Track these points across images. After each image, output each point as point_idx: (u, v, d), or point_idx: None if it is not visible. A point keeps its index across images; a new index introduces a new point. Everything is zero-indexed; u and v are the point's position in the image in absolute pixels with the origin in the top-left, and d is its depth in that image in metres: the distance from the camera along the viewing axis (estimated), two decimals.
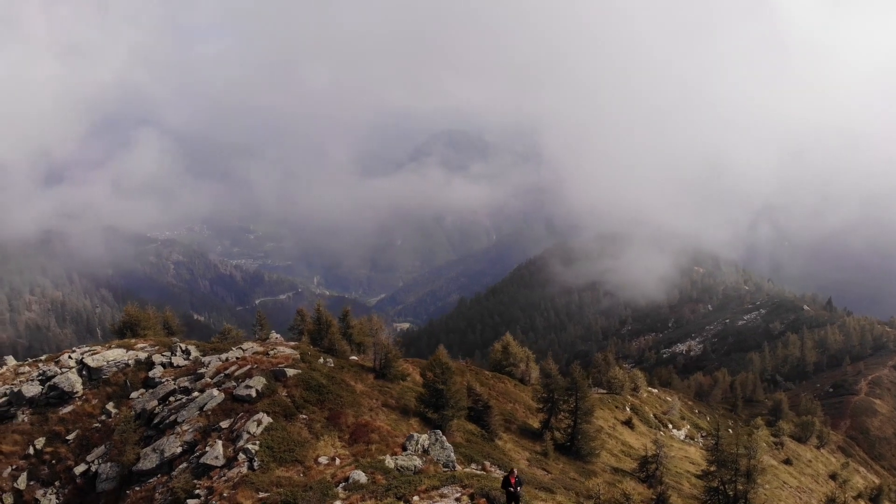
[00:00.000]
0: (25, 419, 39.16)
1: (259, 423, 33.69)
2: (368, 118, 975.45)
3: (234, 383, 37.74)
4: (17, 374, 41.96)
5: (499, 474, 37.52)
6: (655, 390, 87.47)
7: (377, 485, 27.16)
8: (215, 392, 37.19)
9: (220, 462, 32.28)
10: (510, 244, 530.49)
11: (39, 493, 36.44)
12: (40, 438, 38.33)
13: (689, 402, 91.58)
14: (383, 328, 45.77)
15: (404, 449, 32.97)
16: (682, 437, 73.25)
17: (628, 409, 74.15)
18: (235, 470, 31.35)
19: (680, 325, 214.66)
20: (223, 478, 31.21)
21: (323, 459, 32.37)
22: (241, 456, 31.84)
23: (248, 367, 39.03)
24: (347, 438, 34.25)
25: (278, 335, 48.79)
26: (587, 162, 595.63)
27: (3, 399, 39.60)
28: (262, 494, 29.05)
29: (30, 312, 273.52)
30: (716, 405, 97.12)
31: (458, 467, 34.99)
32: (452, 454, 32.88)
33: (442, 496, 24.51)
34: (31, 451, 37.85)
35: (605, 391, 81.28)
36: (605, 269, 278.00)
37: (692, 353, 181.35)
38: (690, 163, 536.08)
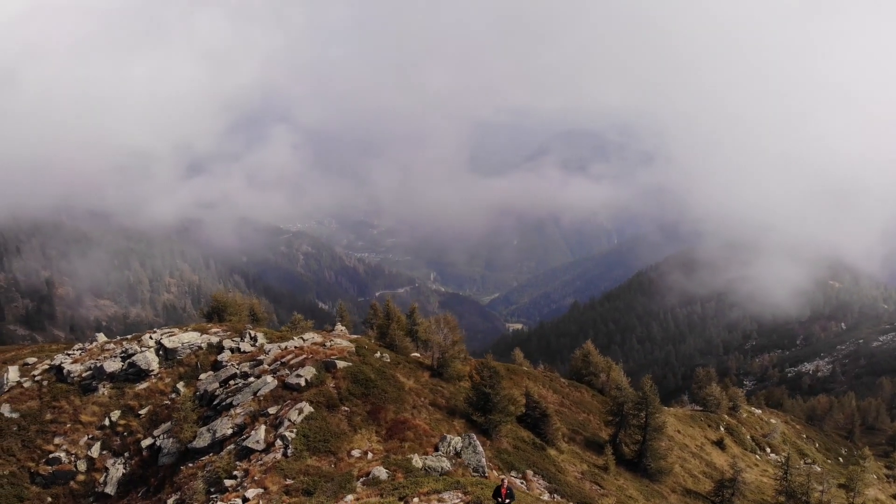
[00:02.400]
0: (105, 392, 42.23)
1: (300, 411, 34.49)
2: (487, 117, 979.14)
3: (288, 371, 38.92)
4: (104, 350, 45.38)
5: (541, 484, 36.46)
6: (759, 411, 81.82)
7: (394, 483, 27.05)
8: (269, 379, 38.51)
9: (261, 446, 33.36)
10: (631, 248, 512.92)
11: (110, 462, 39.20)
12: (116, 411, 41.22)
13: (798, 427, 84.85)
14: (447, 328, 45.34)
15: (436, 450, 32.65)
16: (780, 463, 67.83)
17: (722, 429, 69.86)
18: (271, 455, 32.29)
19: (809, 342, 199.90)
20: (259, 462, 32.25)
21: (356, 452, 32.69)
22: (279, 442, 32.76)
23: (303, 356, 40.12)
24: (384, 434, 34.37)
25: (343, 328, 49.78)
26: (715, 164, 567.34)
27: (88, 373, 42.92)
28: (288, 481, 29.75)
29: (168, 294, 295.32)
30: (830, 431, 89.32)
31: (494, 473, 34.25)
32: (483, 459, 32.17)
33: (440, 500, 24.02)
34: (107, 422, 40.78)
35: (700, 408, 77.17)
36: (731, 280, 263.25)
37: (819, 374, 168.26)
38: (825, 166, 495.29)
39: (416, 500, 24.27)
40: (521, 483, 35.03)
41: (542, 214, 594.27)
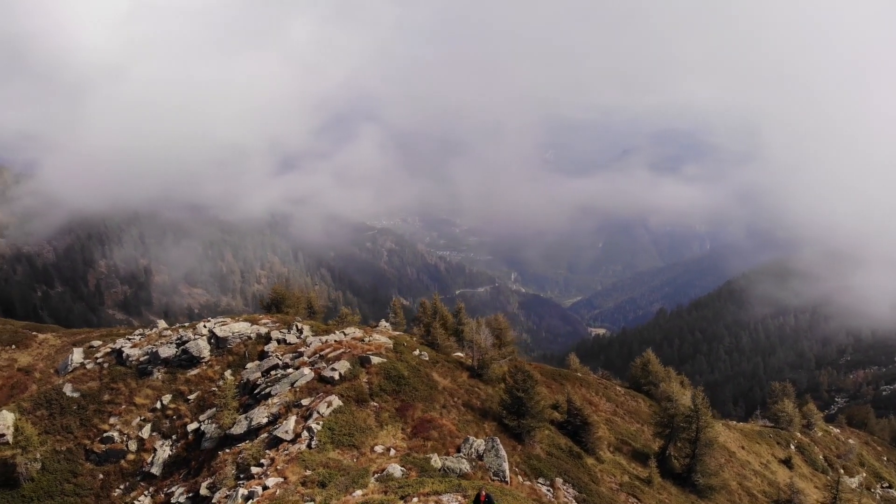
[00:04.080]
0: (159, 377, 44.31)
1: (329, 404, 35.02)
2: (573, 115, 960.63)
3: (325, 364, 39.62)
4: (161, 336, 47.59)
5: (569, 493, 35.58)
6: (836, 430, 76.98)
7: (400, 481, 27.03)
8: (306, 371, 39.30)
9: (289, 436, 34.07)
10: (724, 255, 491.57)
11: (158, 443, 41.11)
12: (167, 395, 43.19)
13: (879, 448, 79.26)
14: (489, 329, 44.91)
15: (458, 451, 32.40)
16: (853, 485, 63.59)
17: (792, 447, 66.16)
18: (297, 446, 32.93)
19: None
20: (285, 451, 32.94)
21: (379, 448, 32.87)
22: (305, 434, 33.39)
23: (341, 350, 40.71)
24: (410, 431, 34.42)
25: (387, 324, 50.18)
26: (813, 167, 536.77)
27: (145, 357, 45.14)
28: (308, 472, 30.23)
29: (258, 285, 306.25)
30: None
31: (519, 479, 33.74)
32: (505, 464, 31.65)
33: (437, 502, 23.79)
34: (159, 405, 42.78)
35: (771, 424, 73.43)
36: (827, 291, 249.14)
37: None
38: None
39: (415, 499, 24.18)
40: (548, 491, 34.30)
41: (630, 216, 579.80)
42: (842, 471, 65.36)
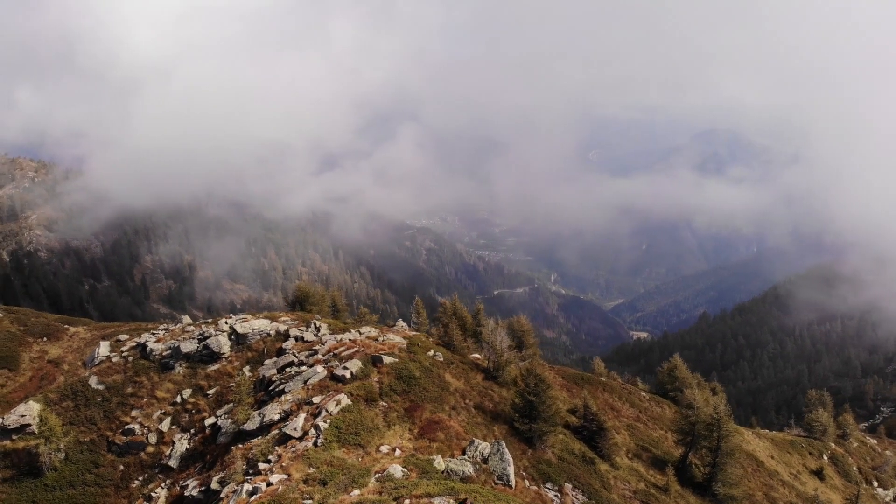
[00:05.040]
0: (181, 371, 45.25)
1: (338, 403, 35.23)
2: (616, 115, 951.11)
3: (338, 363, 39.88)
4: (184, 332, 48.57)
5: (578, 499, 35.12)
6: (873, 440, 74.46)
7: (396, 482, 27.01)
8: (319, 369, 39.64)
9: (298, 434, 34.39)
10: (771, 258, 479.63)
11: (177, 436, 41.96)
12: (187, 389, 44.07)
13: None
14: (506, 329, 44.63)
15: (464, 453, 32.25)
16: (889, 499, 61.50)
17: (825, 458, 64.23)
18: (304, 443, 33.21)
19: None
20: (292, 449, 33.25)
21: (384, 448, 32.93)
22: (312, 431, 33.65)
23: (354, 349, 40.95)
24: (416, 432, 34.39)
25: (405, 324, 50.29)
26: (864, 170, 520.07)
27: (167, 352, 46.14)
28: (311, 470, 30.45)
29: (299, 282, 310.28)
30: None
31: (525, 483, 33.45)
32: (510, 468, 31.36)
33: None
34: (179, 399, 43.69)
35: (804, 434, 71.42)
36: (876, 297, 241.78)
37: None
38: None
39: (407, 501, 24.12)
40: (555, 497, 33.92)
41: (674, 218, 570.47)
42: (875, 483, 63.23)
